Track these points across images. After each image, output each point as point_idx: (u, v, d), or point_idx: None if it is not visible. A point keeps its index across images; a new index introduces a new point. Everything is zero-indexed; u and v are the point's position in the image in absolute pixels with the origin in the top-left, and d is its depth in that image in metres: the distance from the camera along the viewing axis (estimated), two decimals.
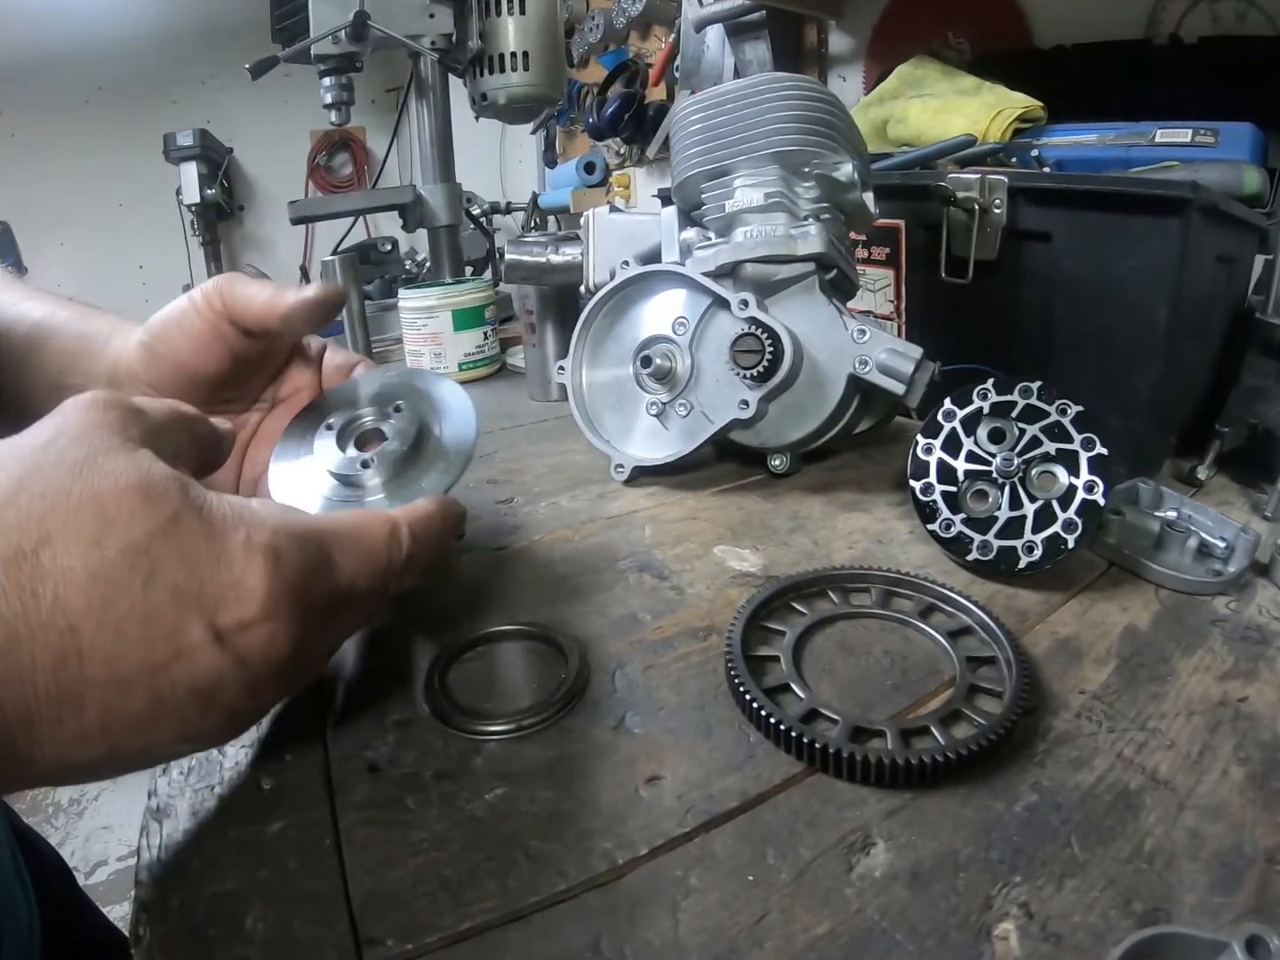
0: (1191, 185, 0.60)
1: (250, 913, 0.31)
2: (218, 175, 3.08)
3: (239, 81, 1.38)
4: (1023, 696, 0.40)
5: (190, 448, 0.37)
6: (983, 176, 0.72)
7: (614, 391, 0.74)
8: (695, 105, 0.70)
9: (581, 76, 2.26)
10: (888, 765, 0.36)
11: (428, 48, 1.26)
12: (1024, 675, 0.42)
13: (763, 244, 0.67)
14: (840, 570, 0.53)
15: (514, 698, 0.44)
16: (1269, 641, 0.48)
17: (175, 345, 0.51)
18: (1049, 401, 0.56)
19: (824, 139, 0.67)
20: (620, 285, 0.73)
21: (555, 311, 0.98)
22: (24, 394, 0.55)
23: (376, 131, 3.32)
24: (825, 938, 0.30)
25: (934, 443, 0.59)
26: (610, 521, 0.66)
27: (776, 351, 0.64)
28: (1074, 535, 0.52)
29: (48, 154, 3.00)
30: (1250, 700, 0.43)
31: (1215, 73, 0.95)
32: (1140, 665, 0.46)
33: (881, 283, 0.87)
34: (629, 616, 0.52)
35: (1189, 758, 0.38)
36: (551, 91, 1.35)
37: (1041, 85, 1.00)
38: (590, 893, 0.32)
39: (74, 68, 2.95)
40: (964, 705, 0.41)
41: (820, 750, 0.37)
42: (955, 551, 0.56)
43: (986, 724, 0.39)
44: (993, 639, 0.46)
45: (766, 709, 0.40)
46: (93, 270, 3.07)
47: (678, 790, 0.37)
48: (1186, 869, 0.32)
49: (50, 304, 0.57)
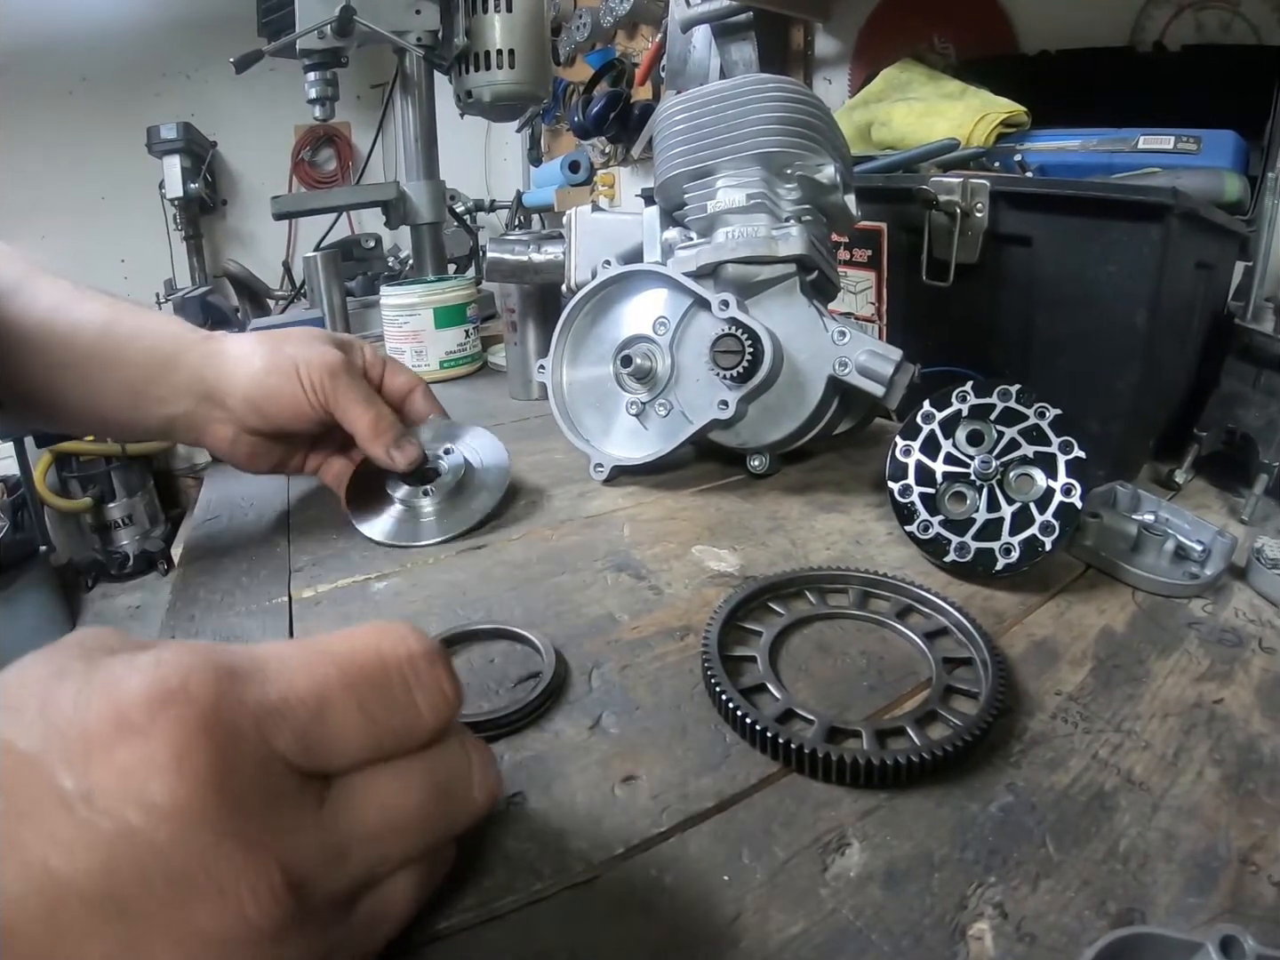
0: (1171, 191, 0.60)
1: None
2: (201, 169, 3.06)
3: (224, 75, 1.38)
4: (999, 698, 0.40)
5: None
6: (965, 180, 0.72)
7: (594, 391, 0.74)
8: (679, 105, 0.70)
9: (568, 75, 2.26)
10: (863, 766, 0.36)
11: (413, 44, 1.25)
12: (1000, 677, 0.42)
13: (744, 245, 0.67)
14: (818, 571, 0.53)
15: (490, 698, 0.44)
16: (1244, 644, 0.48)
17: (273, 411, 0.60)
18: (1028, 404, 0.56)
19: (807, 141, 0.67)
20: (602, 284, 0.73)
21: (537, 310, 0.98)
22: (100, 400, 0.59)
23: (361, 127, 3.31)
24: (800, 937, 0.30)
25: (913, 444, 0.59)
26: (589, 521, 0.66)
27: (756, 352, 0.64)
28: (1051, 538, 0.52)
29: (30, 145, 2.97)
30: (1225, 702, 0.43)
31: (1199, 80, 0.96)
32: (1116, 667, 0.46)
33: (863, 285, 0.87)
34: (606, 616, 0.51)
35: (1164, 759, 0.39)
36: (537, 89, 1.35)
37: (1026, 90, 1.01)
38: (566, 892, 0.32)
39: (57, 58, 2.93)
40: (940, 706, 0.41)
41: (796, 750, 0.37)
42: (933, 553, 0.56)
43: (962, 725, 0.39)
44: (969, 640, 0.46)
45: (742, 709, 0.40)
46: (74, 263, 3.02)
47: (653, 790, 0.37)
48: (1161, 870, 0.32)
49: (110, 304, 0.61)
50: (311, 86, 1.27)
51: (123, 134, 3.00)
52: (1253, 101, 0.87)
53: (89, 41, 2.94)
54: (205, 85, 3.18)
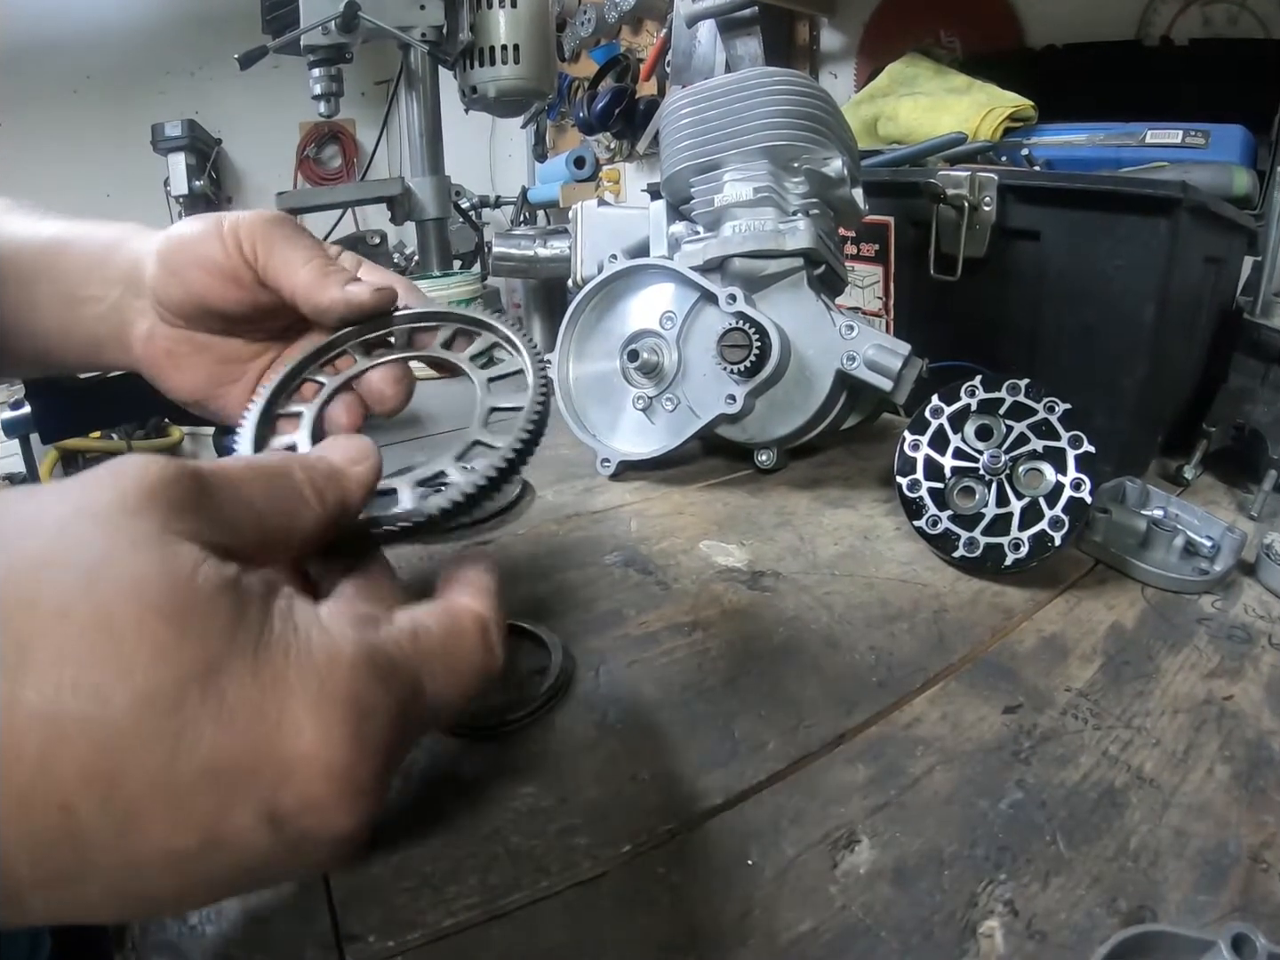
0: (1181, 185, 0.60)
1: (231, 908, 0.30)
2: (206, 166, 3.06)
3: (228, 72, 1.38)
4: (536, 412, 0.36)
5: (273, 521, 0.27)
6: (973, 174, 0.72)
7: (601, 385, 0.74)
8: (685, 99, 0.70)
9: (572, 70, 2.26)
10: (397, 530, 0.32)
11: (418, 39, 1.25)
12: (541, 386, 0.37)
13: (751, 239, 0.66)
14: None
15: (497, 693, 0.44)
16: (1254, 640, 0.48)
17: (190, 274, 0.45)
18: (1036, 399, 0.55)
19: (814, 134, 0.67)
20: (608, 279, 0.73)
21: (543, 305, 0.98)
22: (35, 316, 0.48)
23: (366, 124, 3.30)
24: (809, 935, 0.29)
25: (921, 439, 0.59)
26: (596, 516, 0.65)
27: (764, 346, 0.64)
28: (1060, 533, 0.51)
29: (35, 144, 2.97)
30: (1235, 699, 0.43)
31: (1206, 75, 0.96)
32: (1126, 663, 0.46)
33: (870, 279, 0.87)
34: (613, 612, 0.51)
35: (1174, 756, 0.38)
36: (542, 85, 1.34)
37: (1032, 85, 1.01)
38: (573, 890, 0.31)
39: (62, 57, 2.92)
40: (481, 435, 0.37)
41: None
42: (941, 548, 0.56)
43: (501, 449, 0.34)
44: (515, 353, 0.41)
45: None
46: None
47: (661, 787, 0.37)
48: (1172, 867, 0.32)
49: (68, 221, 0.50)
50: (316, 83, 1.26)
51: (127, 132, 3.00)
52: (1261, 95, 0.87)
53: (93, 39, 2.94)
54: (210, 82, 3.17)
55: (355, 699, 0.23)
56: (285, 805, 0.21)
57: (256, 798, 0.21)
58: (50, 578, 0.20)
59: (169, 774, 0.20)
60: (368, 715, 0.23)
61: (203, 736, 0.20)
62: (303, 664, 0.22)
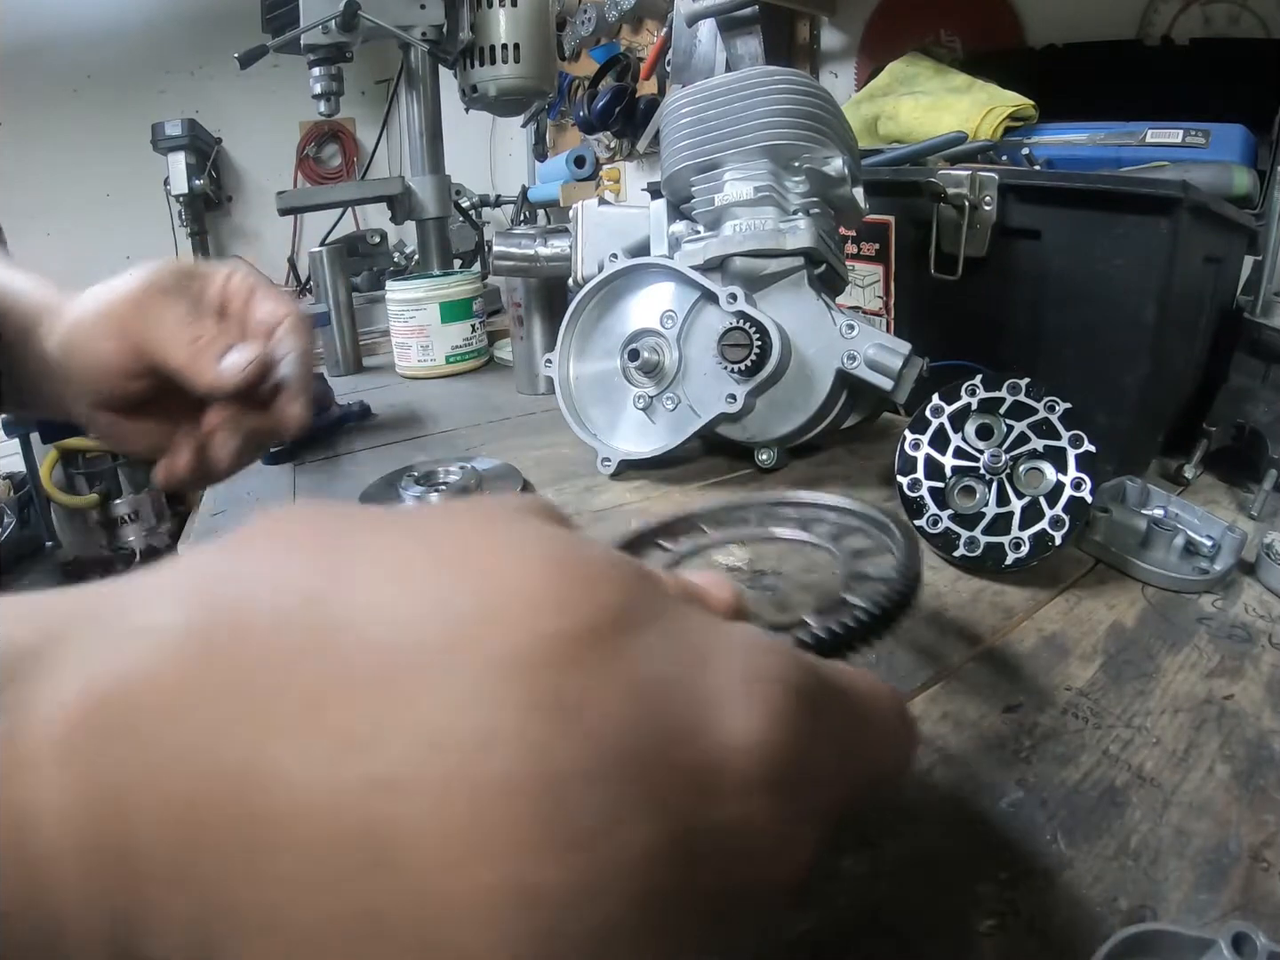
0: (1181, 185, 0.60)
1: None
2: (206, 165, 3.06)
3: (228, 71, 1.38)
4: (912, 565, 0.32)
5: None
6: (973, 173, 0.72)
7: (601, 385, 0.74)
8: (686, 98, 0.70)
9: (573, 70, 2.25)
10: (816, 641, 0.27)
11: (418, 38, 1.25)
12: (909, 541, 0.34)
13: (751, 238, 0.67)
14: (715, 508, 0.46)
15: None
16: (1254, 640, 0.48)
17: (90, 376, 0.45)
18: (1037, 398, 0.55)
19: (814, 133, 0.67)
20: (608, 278, 0.73)
21: (543, 304, 0.98)
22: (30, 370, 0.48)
23: (366, 123, 3.30)
24: (810, 934, 0.29)
25: (921, 438, 0.59)
26: (597, 515, 0.65)
27: (764, 345, 0.64)
28: (1061, 532, 0.51)
29: (34, 143, 2.97)
30: (1235, 698, 0.43)
31: (1207, 74, 0.96)
32: (1126, 662, 0.46)
33: (870, 278, 0.87)
34: None
35: (1175, 755, 0.38)
36: (542, 84, 1.34)
37: (1033, 84, 1.01)
38: None
39: (62, 56, 2.92)
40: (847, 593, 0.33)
41: None
42: (942, 547, 0.56)
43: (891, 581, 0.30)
44: (880, 529, 0.38)
45: None
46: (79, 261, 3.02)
47: None
48: (1172, 866, 0.32)
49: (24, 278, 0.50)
50: (316, 82, 1.26)
51: (127, 131, 2.99)
52: (1261, 95, 0.87)
53: (93, 39, 2.94)
54: (209, 82, 3.17)
55: (792, 683, 0.17)
56: (712, 819, 0.15)
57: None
58: None
59: None
60: (808, 704, 0.17)
61: None
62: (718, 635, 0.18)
